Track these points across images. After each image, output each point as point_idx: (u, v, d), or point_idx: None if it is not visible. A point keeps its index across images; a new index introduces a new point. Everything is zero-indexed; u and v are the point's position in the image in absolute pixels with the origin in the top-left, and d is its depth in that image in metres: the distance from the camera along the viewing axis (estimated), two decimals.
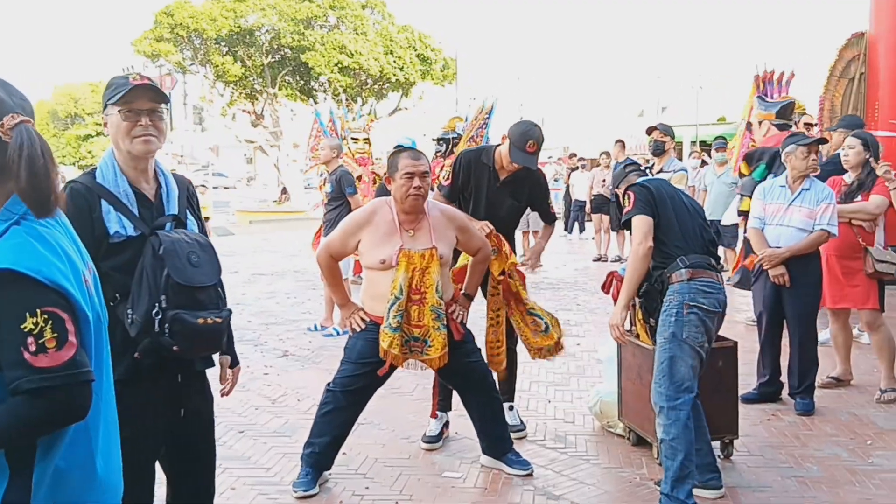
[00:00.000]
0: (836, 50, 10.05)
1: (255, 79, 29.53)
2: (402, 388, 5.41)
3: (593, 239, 13.86)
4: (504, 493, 3.90)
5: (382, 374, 3.87)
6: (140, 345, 2.34)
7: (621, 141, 12.93)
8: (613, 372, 4.59)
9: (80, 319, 1.56)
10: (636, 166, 4.34)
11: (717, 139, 11.97)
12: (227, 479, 4.02)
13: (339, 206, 7.26)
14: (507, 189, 4.47)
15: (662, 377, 3.62)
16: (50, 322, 1.49)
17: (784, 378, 5.17)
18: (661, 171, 6.85)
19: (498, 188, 4.45)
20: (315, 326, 7.61)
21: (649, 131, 7.07)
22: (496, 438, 4.13)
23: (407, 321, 3.70)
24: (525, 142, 4.27)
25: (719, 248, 9.69)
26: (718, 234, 9.17)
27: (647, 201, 3.73)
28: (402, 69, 29.42)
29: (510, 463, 4.09)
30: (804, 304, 4.99)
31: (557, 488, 3.93)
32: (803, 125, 7.34)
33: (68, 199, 2.35)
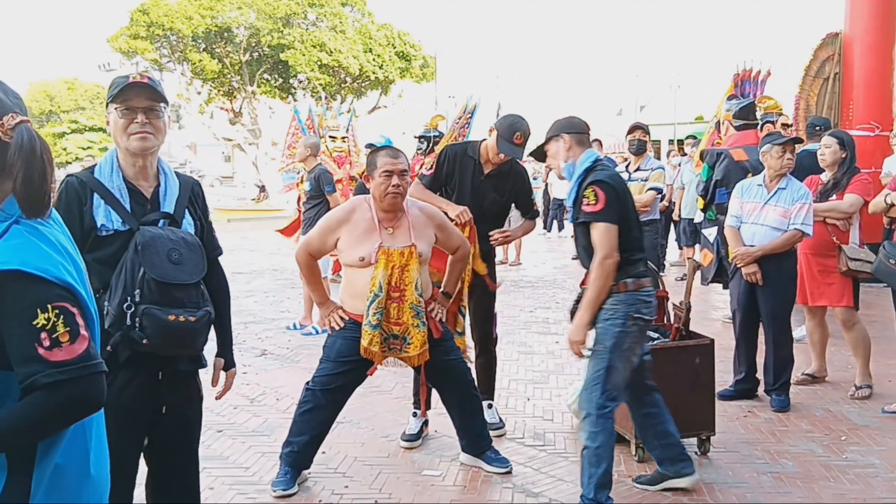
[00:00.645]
0: (812, 50, 10.17)
1: (233, 76, 29.37)
2: (382, 386, 5.41)
3: (572, 237, 13.91)
4: (483, 491, 3.91)
5: (371, 374, 3.88)
6: (112, 338, 2.35)
7: (598, 140, 12.98)
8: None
9: (87, 314, 1.59)
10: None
11: (688, 137, 12.07)
12: (206, 478, 3.98)
13: (317, 205, 7.24)
14: (490, 183, 4.50)
15: (596, 385, 3.48)
16: (62, 316, 1.51)
17: (760, 375, 5.23)
18: (639, 169, 6.92)
19: (482, 182, 4.49)
20: (294, 325, 7.59)
21: (631, 130, 7.10)
22: (475, 436, 4.14)
23: (386, 319, 3.71)
24: (513, 133, 4.32)
25: (695, 247, 9.80)
26: (696, 231, 9.22)
27: (614, 205, 3.44)
28: (381, 67, 29.38)
29: (489, 461, 4.10)
30: (778, 301, 5.04)
31: (536, 486, 3.95)
32: (780, 125, 7.40)
33: (62, 192, 2.43)
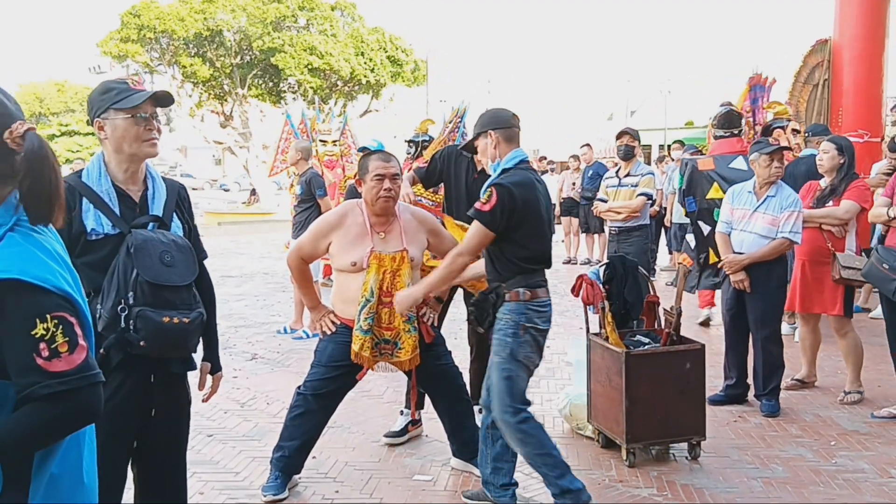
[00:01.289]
0: (801, 56, 10.22)
1: (223, 80, 29.28)
2: (373, 391, 5.41)
3: (563, 242, 13.95)
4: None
5: (361, 378, 3.87)
6: (106, 340, 2.35)
7: (589, 144, 13.03)
8: (583, 375, 4.62)
9: (84, 322, 1.58)
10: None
11: (675, 142, 12.13)
12: (196, 483, 3.99)
13: (308, 209, 7.23)
14: (484, 180, 4.46)
15: (503, 394, 3.50)
16: (60, 326, 1.51)
17: (750, 380, 5.25)
18: (629, 174, 6.92)
19: (475, 179, 4.52)
20: (284, 329, 7.57)
21: (620, 136, 7.12)
22: (466, 441, 4.13)
23: (378, 323, 3.71)
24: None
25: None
26: (684, 237, 9.25)
27: (504, 213, 3.35)
28: (372, 71, 29.36)
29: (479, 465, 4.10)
30: (766, 308, 5.05)
31: (527, 490, 3.95)
32: (791, 131, 7.51)
33: None
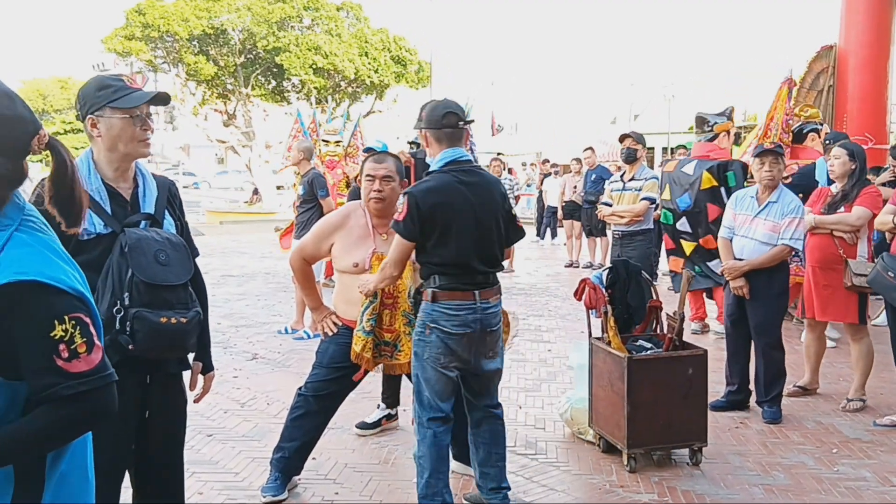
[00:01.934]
0: (806, 62, 10.21)
1: (227, 78, 29.29)
2: (374, 392, 5.37)
3: (565, 245, 13.93)
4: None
5: (358, 379, 3.85)
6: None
7: (591, 148, 13.04)
8: (584, 379, 4.61)
9: (97, 322, 1.59)
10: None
11: (679, 147, 12.16)
12: (195, 483, 3.98)
13: (311, 209, 7.22)
14: None
15: (415, 394, 3.49)
16: (78, 327, 1.51)
17: (752, 386, 5.22)
18: (633, 178, 6.92)
19: None
20: (286, 329, 7.55)
21: (622, 139, 7.14)
22: (466, 444, 4.11)
23: (379, 325, 3.69)
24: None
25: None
26: None
27: (415, 220, 3.29)
28: (376, 71, 29.36)
29: None
30: (767, 315, 5.03)
31: (528, 494, 3.93)
32: (825, 133, 7.64)
33: (38, 197, 2.36)
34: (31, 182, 2.49)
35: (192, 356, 2.72)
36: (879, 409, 5.22)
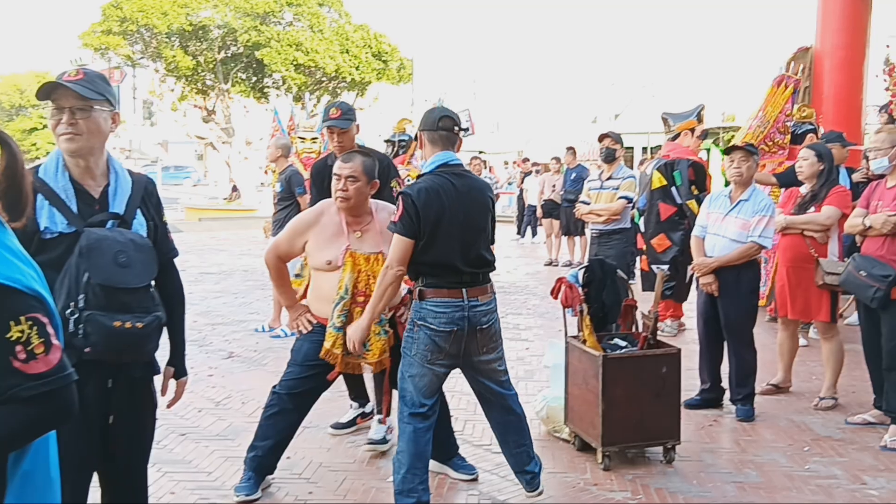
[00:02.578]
0: (783, 63, 10.26)
1: (207, 74, 29.10)
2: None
3: (545, 243, 13.97)
4: (449, 498, 3.89)
5: (332, 378, 3.84)
6: None
7: (572, 147, 13.07)
8: (560, 377, 4.62)
9: (55, 322, 1.57)
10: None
11: (658, 147, 12.24)
12: (167, 482, 3.95)
13: (288, 207, 7.18)
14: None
15: (399, 391, 3.55)
16: (35, 328, 1.49)
17: (726, 384, 5.26)
18: (611, 177, 6.95)
19: None
20: (262, 328, 7.52)
21: (601, 138, 7.17)
22: (442, 443, 4.10)
23: (349, 322, 3.67)
24: (328, 111, 4.61)
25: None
26: None
27: (412, 218, 3.35)
28: (357, 68, 29.28)
29: (455, 467, 4.09)
30: (736, 312, 5.07)
31: (502, 493, 3.94)
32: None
33: None
34: None
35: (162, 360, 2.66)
36: (851, 407, 5.28)
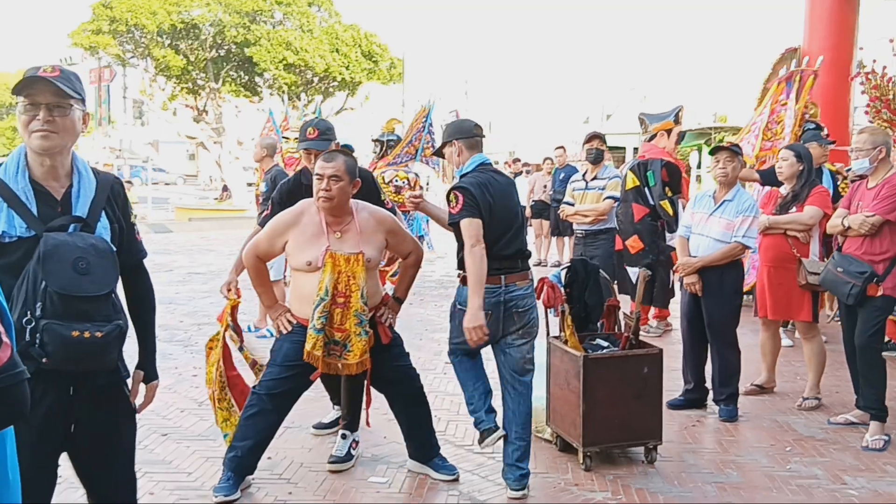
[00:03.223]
0: (770, 64, 10.29)
1: (197, 73, 29.01)
2: None
3: (534, 243, 13.97)
4: (430, 498, 3.88)
5: (315, 378, 3.82)
6: None
7: (562, 147, 13.06)
8: (542, 378, 4.61)
9: (5, 318, 1.54)
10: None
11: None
12: (147, 483, 3.93)
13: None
14: None
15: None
16: None
17: (710, 384, 5.27)
18: (596, 178, 6.95)
19: None
20: (248, 328, 7.48)
21: (590, 139, 7.13)
22: (423, 443, 4.12)
23: (329, 324, 3.65)
24: (304, 130, 4.43)
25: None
26: None
27: (473, 203, 3.71)
28: (347, 68, 29.22)
29: (436, 468, 4.08)
30: (720, 312, 5.07)
31: (483, 493, 3.93)
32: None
33: None
34: None
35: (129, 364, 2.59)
36: (834, 407, 5.29)
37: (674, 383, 5.31)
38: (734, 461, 4.38)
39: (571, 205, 7.04)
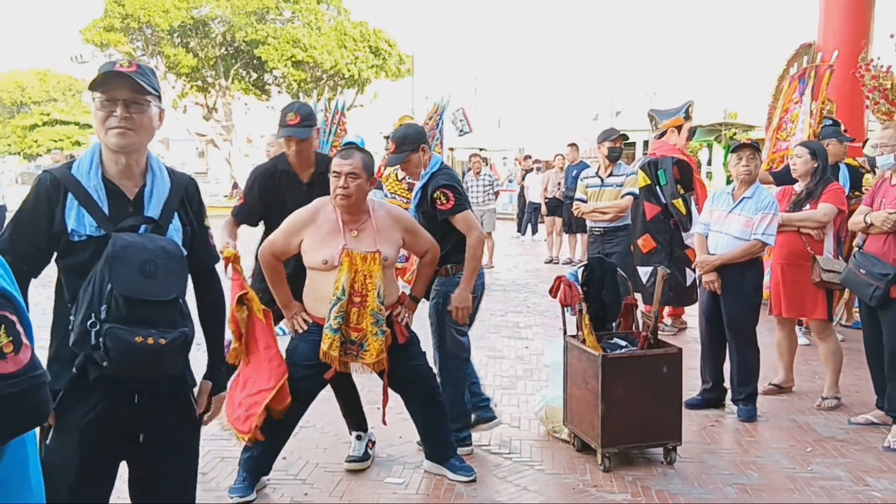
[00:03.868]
0: (785, 60, 10.19)
1: (207, 71, 29.06)
2: None
3: (546, 241, 13.91)
4: (447, 499, 3.84)
5: (329, 377, 3.78)
6: (77, 358, 2.13)
7: (575, 144, 12.99)
8: (559, 377, 4.57)
9: (24, 320, 1.50)
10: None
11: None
12: None
13: None
14: (316, 190, 4.04)
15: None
16: (2, 326, 1.42)
17: (728, 384, 5.21)
18: (612, 174, 6.88)
19: (305, 192, 4.11)
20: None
21: (615, 139, 6.94)
22: (439, 443, 4.07)
23: (346, 323, 3.61)
24: (285, 116, 4.11)
25: None
26: None
27: (463, 198, 4.19)
28: (354, 63, 29.19)
29: (453, 469, 4.04)
30: (740, 311, 5.01)
31: (501, 494, 3.89)
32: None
33: (31, 190, 2.25)
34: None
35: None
36: (854, 406, 5.23)
37: (690, 382, 5.25)
38: (755, 462, 4.32)
39: (584, 201, 6.95)
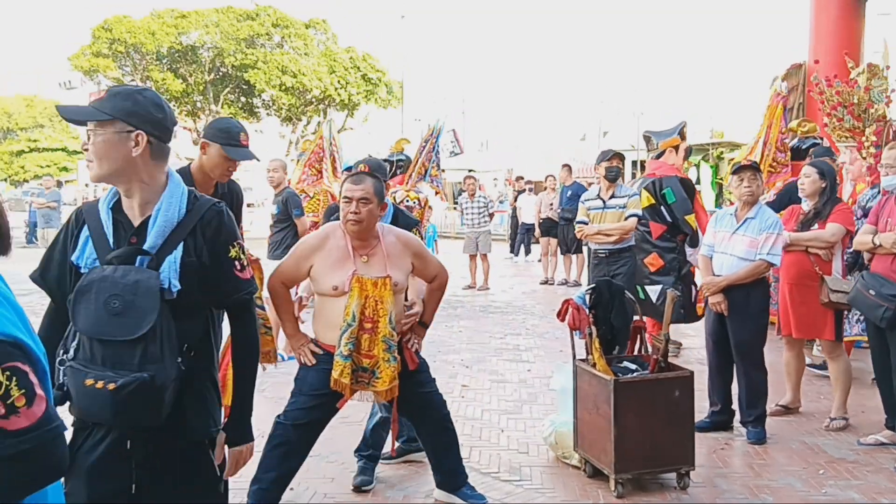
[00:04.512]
0: (772, 80, 10.25)
1: (196, 96, 29.07)
2: (352, 417, 5.23)
3: (539, 262, 13.89)
4: None
5: (341, 405, 3.71)
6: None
7: (568, 165, 13.01)
8: (568, 402, 4.51)
9: (39, 369, 1.42)
10: None
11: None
12: None
13: (284, 228, 7.09)
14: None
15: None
16: (14, 379, 1.33)
17: (736, 406, 5.17)
18: (614, 196, 6.86)
19: None
20: (281, 356, 7.35)
21: (611, 158, 6.97)
22: (450, 472, 4.00)
23: (357, 350, 3.55)
24: (237, 135, 3.69)
25: None
26: None
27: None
28: (344, 88, 29.29)
29: (465, 497, 3.97)
30: (746, 332, 4.98)
31: None
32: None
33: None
34: None
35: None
36: (862, 427, 5.19)
37: (698, 405, 5.20)
38: (768, 485, 4.27)
39: (586, 223, 6.92)
